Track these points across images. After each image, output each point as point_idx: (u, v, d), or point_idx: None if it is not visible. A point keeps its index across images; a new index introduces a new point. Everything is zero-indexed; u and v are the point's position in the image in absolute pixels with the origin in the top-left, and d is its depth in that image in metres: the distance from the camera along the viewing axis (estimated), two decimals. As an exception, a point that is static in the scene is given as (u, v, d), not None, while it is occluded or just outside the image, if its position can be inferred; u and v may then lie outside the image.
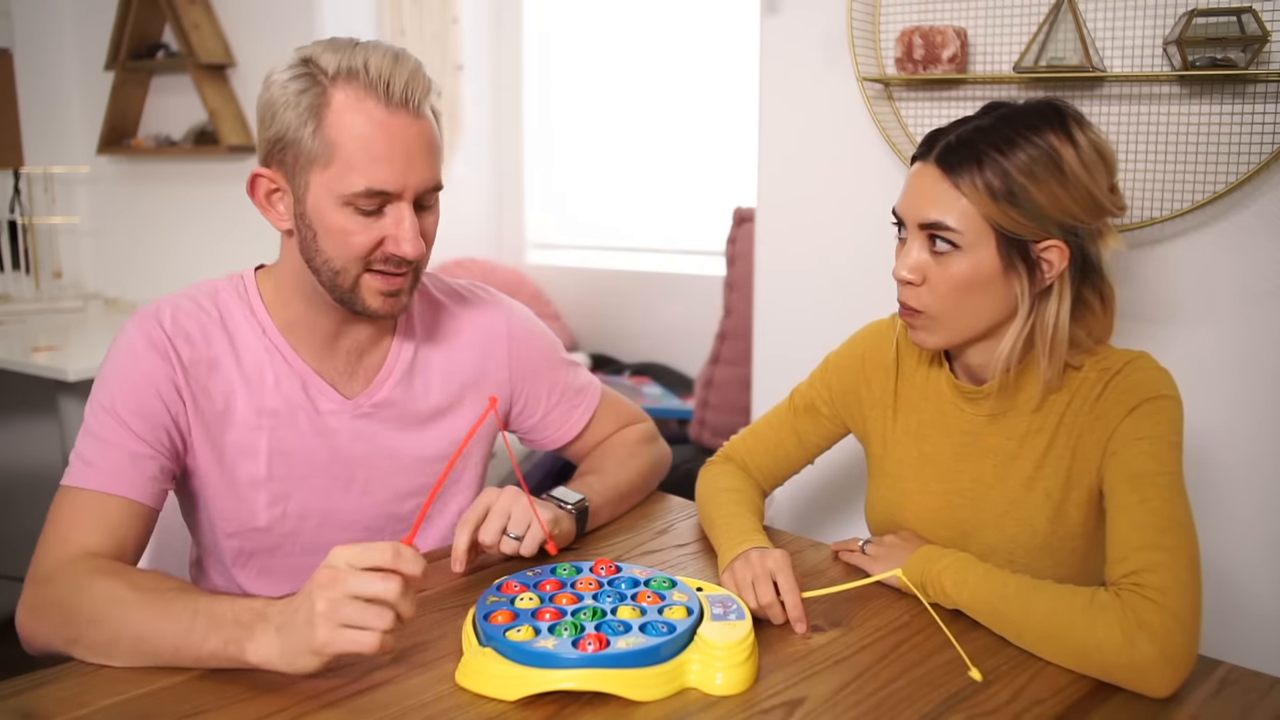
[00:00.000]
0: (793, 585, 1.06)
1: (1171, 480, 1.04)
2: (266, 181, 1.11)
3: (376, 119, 1.05)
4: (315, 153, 1.06)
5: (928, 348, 1.15)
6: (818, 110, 1.86)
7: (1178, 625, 0.93)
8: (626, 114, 3.60)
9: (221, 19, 3.23)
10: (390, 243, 1.08)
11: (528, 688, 0.90)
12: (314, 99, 1.05)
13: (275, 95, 1.07)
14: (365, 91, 1.04)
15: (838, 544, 1.26)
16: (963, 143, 1.07)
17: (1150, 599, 0.95)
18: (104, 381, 1.12)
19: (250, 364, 1.16)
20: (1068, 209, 1.05)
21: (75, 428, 2.56)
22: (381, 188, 1.06)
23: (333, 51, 1.06)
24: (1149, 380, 1.09)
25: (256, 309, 1.18)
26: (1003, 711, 0.90)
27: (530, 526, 1.13)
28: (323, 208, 1.07)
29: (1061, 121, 1.07)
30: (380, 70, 1.04)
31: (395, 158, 1.05)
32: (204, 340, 1.15)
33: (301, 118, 1.05)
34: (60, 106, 3.58)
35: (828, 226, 1.88)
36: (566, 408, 1.38)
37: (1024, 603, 1.00)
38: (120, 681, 0.92)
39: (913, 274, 1.10)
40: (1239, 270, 1.50)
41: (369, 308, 1.13)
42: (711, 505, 1.27)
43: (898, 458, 1.26)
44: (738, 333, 2.78)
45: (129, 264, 3.65)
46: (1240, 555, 1.54)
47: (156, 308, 1.15)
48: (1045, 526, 1.14)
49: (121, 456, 1.07)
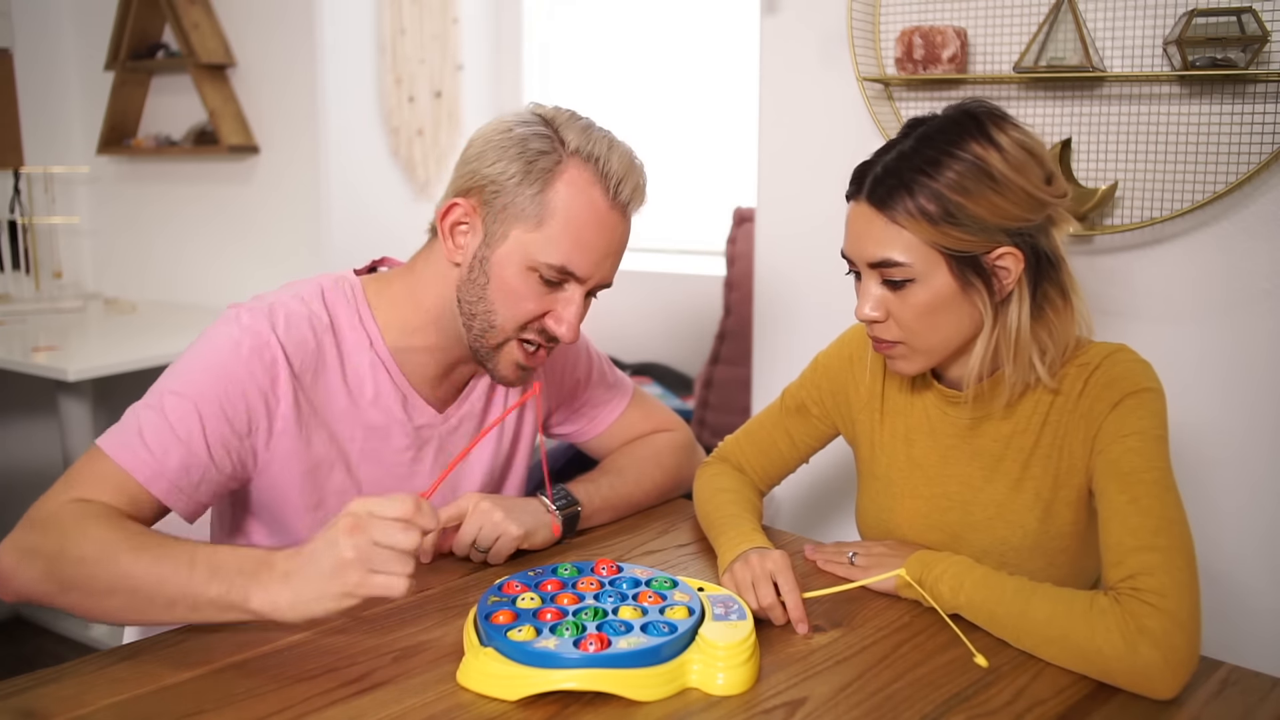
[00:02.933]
0: (793, 586, 1.06)
1: (1160, 476, 1.03)
2: (460, 212, 1.12)
3: (598, 207, 1.10)
4: (529, 212, 1.08)
5: (909, 374, 1.16)
6: (818, 110, 1.86)
7: (1178, 628, 0.93)
8: (626, 114, 3.59)
9: (221, 19, 3.23)
10: (552, 319, 1.12)
11: (529, 688, 0.90)
12: (550, 162, 1.08)
13: (508, 139, 1.09)
14: (596, 178, 1.09)
15: (819, 554, 1.22)
16: (889, 173, 1.06)
17: (1149, 603, 0.94)
18: (197, 368, 1.07)
19: (353, 373, 1.15)
20: (1008, 214, 1.04)
21: (75, 428, 2.59)
22: (575, 270, 1.10)
23: (576, 130, 1.10)
24: (1130, 373, 1.09)
25: (365, 318, 1.16)
26: (1004, 711, 0.90)
27: (498, 540, 1.17)
28: (509, 262, 1.10)
29: (980, 127, 1.05)
30: (616, 168, 1.11)
31: (597, 249, 1.11)
32: (315, 344, 1.12)
33: (530, 174, 1.08)
34: (60, 106, 3.58)
35: (828, 226, 1.88)
36: (598, 402, 1.40)
37: (1022, 606, 1.00)
38: (121, 681, 0.92)
39: (875, 311, 1.10)
40: (1239, 270, 1.50)
41: (500, 374, 1.16)
42: (710, 506, 1.27)
43: (886, 462, 1.25)
44: (738, 333, 2.79)
45: (129, 264, 3.65)
46: (1240, 555, 1.54)
47: (269, 306, 1.11)
48: (1035, 527, 1.14)
49: (179, 456, 1.04)
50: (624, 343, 3.62)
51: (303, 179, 3.11)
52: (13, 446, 3.30)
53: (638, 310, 3.57)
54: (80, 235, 3.69)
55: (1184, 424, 1.57)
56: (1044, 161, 1.07)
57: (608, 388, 1.41)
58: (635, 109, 3.57)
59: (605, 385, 1.41)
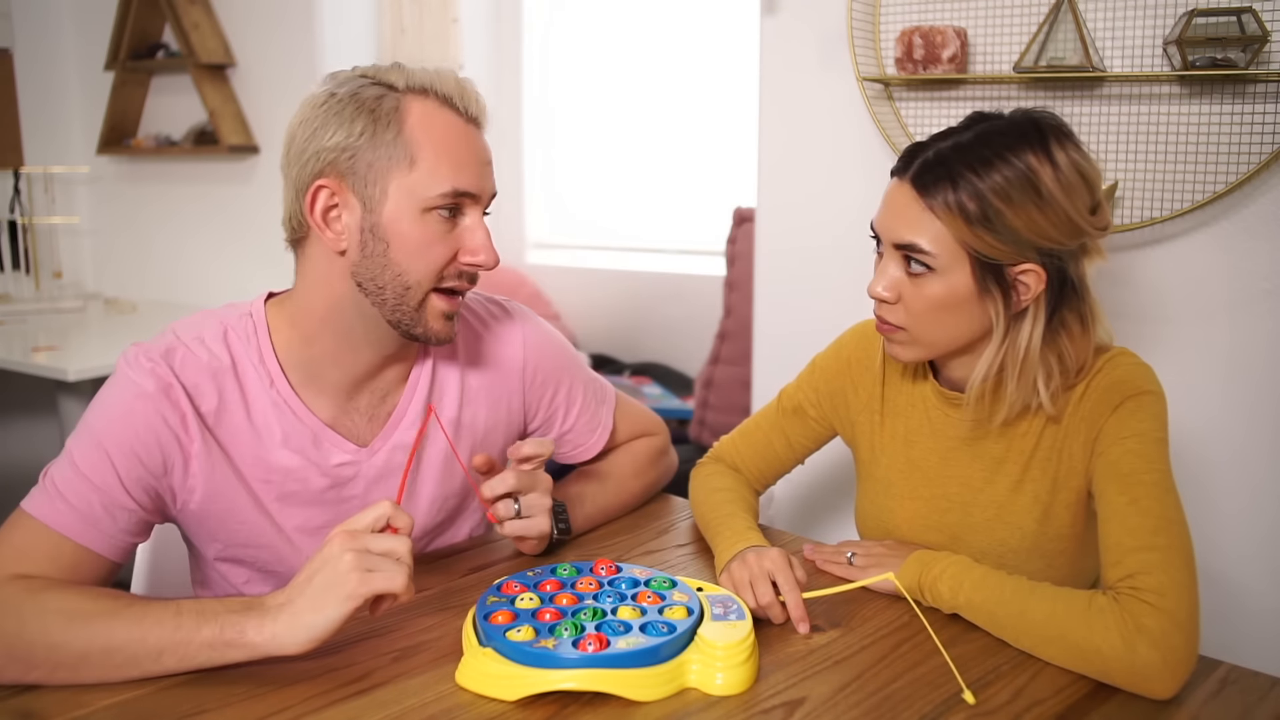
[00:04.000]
0: (793, 584, 1.05)
1: (1160, 478, 1.03)
2: (327, 194, 1.05)
3: (457, 126, 1.07)
4: (395, 157, 1.04)
5: (903, 361, 1.15)
6: (818, 110, 1.86)
7: (1176, 628, 0.93)
8: (626, 114, 3.60)
9: (221, 19, 3.23)
10: (466, 254, 1.08)
11: (528, 688, 0.90)
12: (392, 104, 1.04)
13: (335, 104, 1.04)
14: (441, 103, 1.06)
15: (818, 554, 1.22)
16: (939, 161, 1.05)
17: (1148, 602, 0.94)
18: (103, 416, 1.04)
19: (259, 416, 1.10)
20: (1044, 232, 1.03)
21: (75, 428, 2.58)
22: (466, 188, 1.06)
23: (395, 72, 1.07)
24: (1130, 376, 1.09)
25: (265, 356, 1.11)
26: (1003, 711, 0.90)
27: (533, 519, 1.16)
28: (401, 216, 1.05)
29: (1042, 140, 1.04)
30: (452, 88, 1.07)
31: (475, 163, 1.08)
32: (215, 387, 1.08)
33: (379, 122, 1.04)
34: (60, 106, 3.58)
35: (828, 226, 1.88)
36: (583, 431, 1.34)
37: (1021, 606, 1.00)
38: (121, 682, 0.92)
39: (888, 292, 1.09)
40: (1239, 270, 1.50)
41: (431, 331, 1.09)
42: (706, 506, 1.27)
43: (886, 463, 1.25)
44: (738, 333, 2.78)
45: (129, 264, 3.65)
46: (1239, 554, 1.54)
47: (167, 348, 1.08)
48: (1034, 529, 1.14)
49: (99, 503, 1.01)
50: (624, 343, 3.62)
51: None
52: (13, 446, 3.30)
53: (638, 310, 3.57)
54: (80, 235, 3.69)
55: (1184, 424, 1.57)
56: (1094, 190, 1.06)
57: (591, 416, 1.35)
58: (635, 109, 3.57)
59: (590, 415, 1.34)
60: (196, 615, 0.92)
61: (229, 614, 0.92)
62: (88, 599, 0.94)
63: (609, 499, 1.34)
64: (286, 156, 1.08)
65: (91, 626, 0.92)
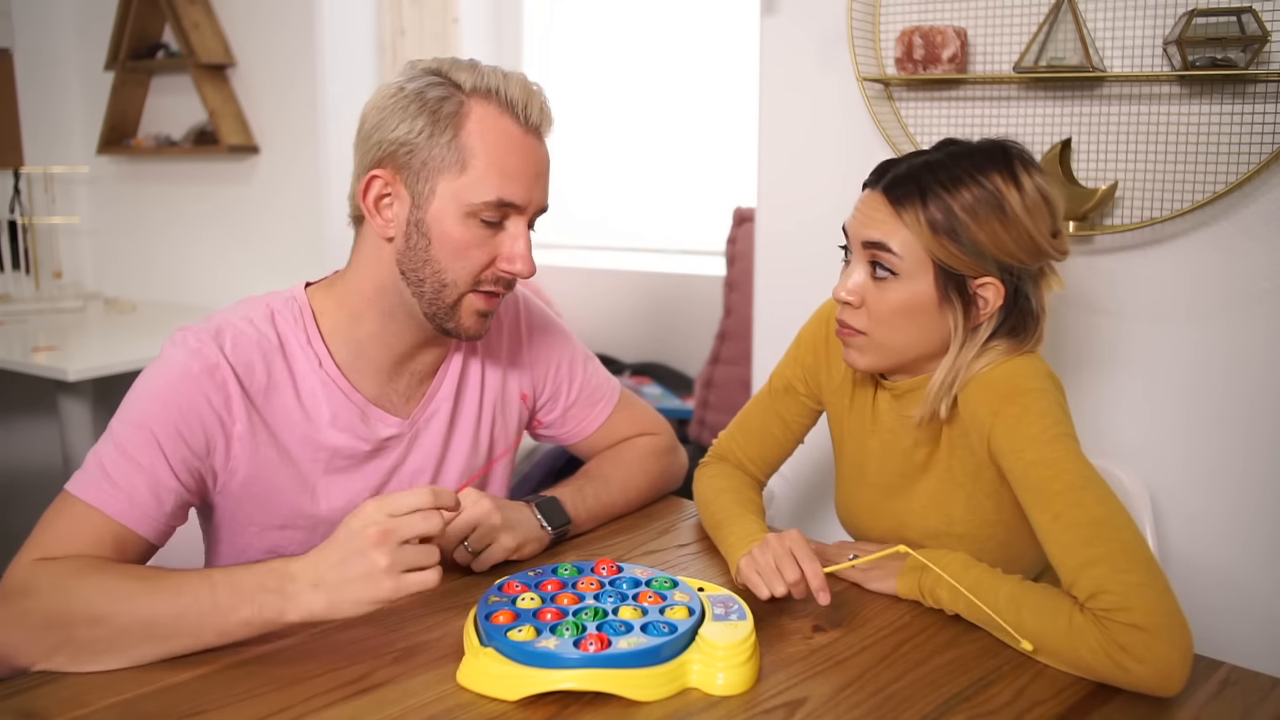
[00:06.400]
0: (811, 557, 1.06)
1: (1072, 479, 1.01)
2: (380, 184, 1.09)
3: (513, 135, 1.08)
4: (448, 160, 1.06)
5: (857, 368, 1.19)
6: (818, 110, 1.86)
7: (1155, 637, 0.91)
8: (626, 114, 3.60)
9: (221, 19, 3.23)
10: (504, 260, 1.10)
11: (529, 688, 0.90)
12: (454, 106, 1.06)
13: (404, 99, 1.07)
14: (502, 109, 1.08)
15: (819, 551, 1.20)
16: (910, 176, 1.09)
17: (1118, 621, 0.92)
18: (147, 396, 1.05)
19: (308, 396, 1.13)
20: (1007, 249, 1.08)
21: (75, 428, 2.59)
22: (511, 200, 1.07)
23: (466, 70, 1.08)
24: (1004, 374, 1.10)
25: (313, 338, 1.14)
26: (1004, 712, 0.90)
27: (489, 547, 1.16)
28: (445, 216, 1.08)
29: (1009, 165, 1.09)
30: (518, 95, 1.08)
31: (526, 174, 1.08)
32: (264, 366, 1.10)
33: (438, 124, 1.06)
34: (60, 106, 3.58)
35: (828, 226, 1.87)
36: (585, 404, 1.39)
37: (1015, 618, 1.00)
38: (121, 681, 0.92)
39: (851, 295, 1.13)
40: (1239, 270, 1.50)
41: (464, 327, 1.13)
42: (715, 506, 1.27)
43: (853, 447, 1.28)
44: (738, 333, 2.79)
45: (129, 264, 3.65)
46: (1240, 555, 1.54)
47: (215, 328, 1.10)
48: (964, 516, 1.16)
49: (146, 484, 1.02)
50: (624, 343, 3.62)
51: (303, 179, 3.11)
52: (13, 446, 3.30)
53: (638, 310, 3.57)
54: (80, 235, 3.69)
55: (1183, 424, 1.57)
56: (1056, 216, 1.11)
57: (594, 390, 1.39)
58: (635, 109, 3.57)
59: (592, 388, 1.39)
60: (230, 593, 0.94)
61: (264, 593, 0.93)
62: (127, 577, 0.96)
63: (613, 495, 1.34)
64: (356, 138, 1.12)
65: (133, 602, 0.94)
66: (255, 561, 1.00)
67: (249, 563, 1.01)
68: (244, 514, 1.14)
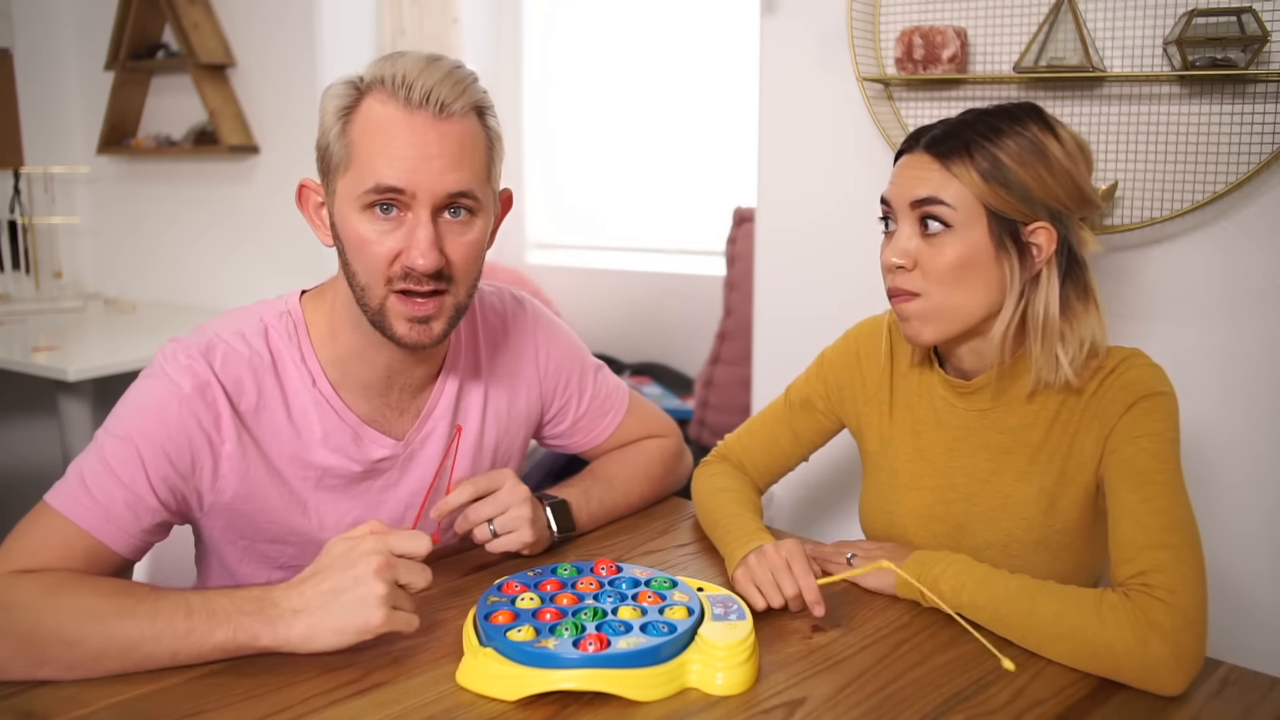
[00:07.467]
0: (807, 570, 1.07)
1: (1172, 478, 1.04)
2: (311, 193, 1.09)
3: (393, 117, 1.01)
4: (340, 157, 1.04)
5: (921, 342, 1.14)
6: (818, 110, 1.86)
7: (1187, 625, 0.94)
8: (626, 114, 3.59)
9: (221, 19, 3.23)
10: (406, 254, 1.02)
11: (528, 688, 0.90)
12: (349, 103, 1.03)
13: (323, 106, 1.06)
14: (389, 95, 1.01)
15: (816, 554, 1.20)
16: (950, 133, 1.10)
17: (1160, 599, 0.95)
18: (136, 411, 1.04)
19: (299, 414, 1.11)
20: (1053, 193, 1.08)
21: (75, 428, 2.59)
22: (390, 184, 1.00)
23: (376, 64, 1.05)
24: (1144, 377, 1.10)
25: (307, 355, 1.11)
26: (1004, 711, 0.90)
27: (514, 533, 1.16)
28: (346, 214, 1.04)
29: (1041, 117, 1.11)
30: (406, 74, 1.01)
31: (407, 156, 1.00)
32: (255, 385, 1.08)
33: (336, 125, 1.04)
34: (60, 106, 3.58)
35: (828, 226, 1.88)
36: (595, 416, 1.37)
37: (1028, 604, 1.00)
38: (120, 681, 0.92)
39: (904, 258, 1.10)
40: (1239, 270, 1.50)
41: (396, 334, 1.06)
42: (713, 505, 1.27)
43: (893, 454, 1.26)
44: (738, 333, 2.79)
45: (129, 264, 3.65)
46: (1239, 554, 1.54)
47: (207, 344, 1.07)
48: (1040, 520, 1.14)
49: (124, 500, 1.01)
50: (624, 343, 3.62)
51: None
52: (13, 446, 3.30)
53: (638, 310, 3.57)
54: (80, 235, 3.69)
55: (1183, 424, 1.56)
56: (1091, 166, 1.13)
57: (604, 400, 1.37)
58: (636, 109, 3.57)
59: (602, 399, 1.37)
60: (208, 617, 0.93)
61: (241, 616, 0.93)
62: (100, 595, 0.94)
63: (616, 498, 1.34)
64: None
65: (106, 625, 0.92)
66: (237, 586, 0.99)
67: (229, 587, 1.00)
68: (234, 531, 1.13)
